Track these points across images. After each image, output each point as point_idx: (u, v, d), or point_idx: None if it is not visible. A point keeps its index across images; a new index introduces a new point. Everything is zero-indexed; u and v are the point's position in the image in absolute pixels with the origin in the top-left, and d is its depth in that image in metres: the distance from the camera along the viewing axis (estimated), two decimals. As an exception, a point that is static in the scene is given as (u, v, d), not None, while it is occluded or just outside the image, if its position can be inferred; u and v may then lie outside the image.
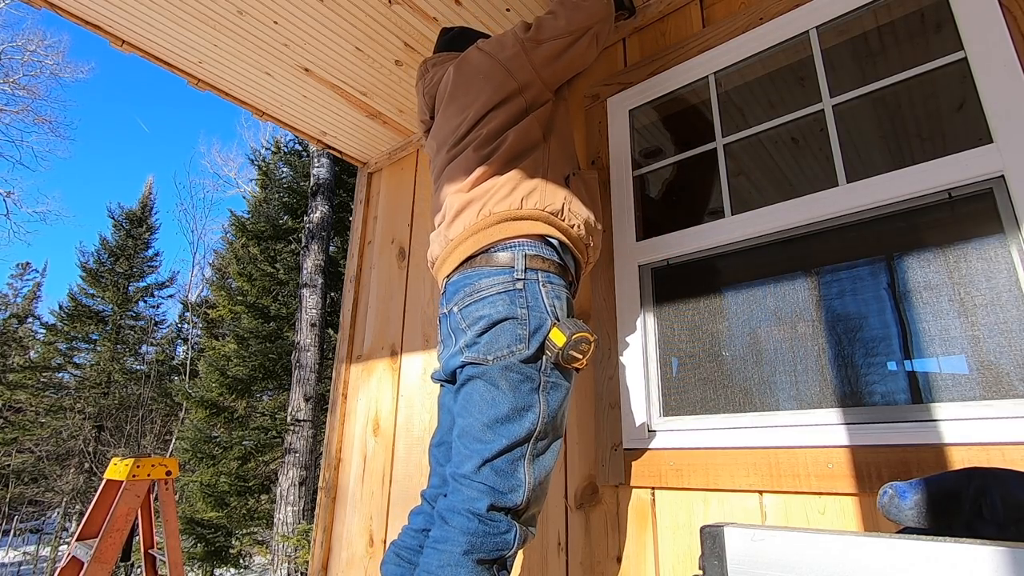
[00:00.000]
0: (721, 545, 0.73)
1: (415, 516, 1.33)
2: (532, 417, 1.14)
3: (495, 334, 1.17)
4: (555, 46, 1.40)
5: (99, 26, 2.24)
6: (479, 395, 1.16)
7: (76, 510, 15.91)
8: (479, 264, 1.25)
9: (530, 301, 1.20)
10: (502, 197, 1.28)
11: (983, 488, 0.73)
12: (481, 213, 1.28)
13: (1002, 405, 1.16)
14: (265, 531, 9.27)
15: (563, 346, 1.15)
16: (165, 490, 2.41)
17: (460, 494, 1.10)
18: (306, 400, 8.51)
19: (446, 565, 1.02)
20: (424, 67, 1.67)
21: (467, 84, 1.44)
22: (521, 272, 1.21)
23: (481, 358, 1.17)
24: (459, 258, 1.29)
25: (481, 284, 1.22)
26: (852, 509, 1.24)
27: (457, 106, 1.44)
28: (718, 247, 1.67)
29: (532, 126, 1.38)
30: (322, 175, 9.79)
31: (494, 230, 1.26)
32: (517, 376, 1.15)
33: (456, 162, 1.39)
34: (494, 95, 1.38)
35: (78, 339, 17.08)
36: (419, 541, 1.26)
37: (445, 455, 1.34)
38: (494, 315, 1.18)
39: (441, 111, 1.50)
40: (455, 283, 1.28)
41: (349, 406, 2.71)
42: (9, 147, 24.62)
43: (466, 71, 1.46)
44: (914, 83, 1.47)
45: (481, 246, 1.25)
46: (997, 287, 1.25)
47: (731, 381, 1.60)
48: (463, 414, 1.18)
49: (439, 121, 1.51)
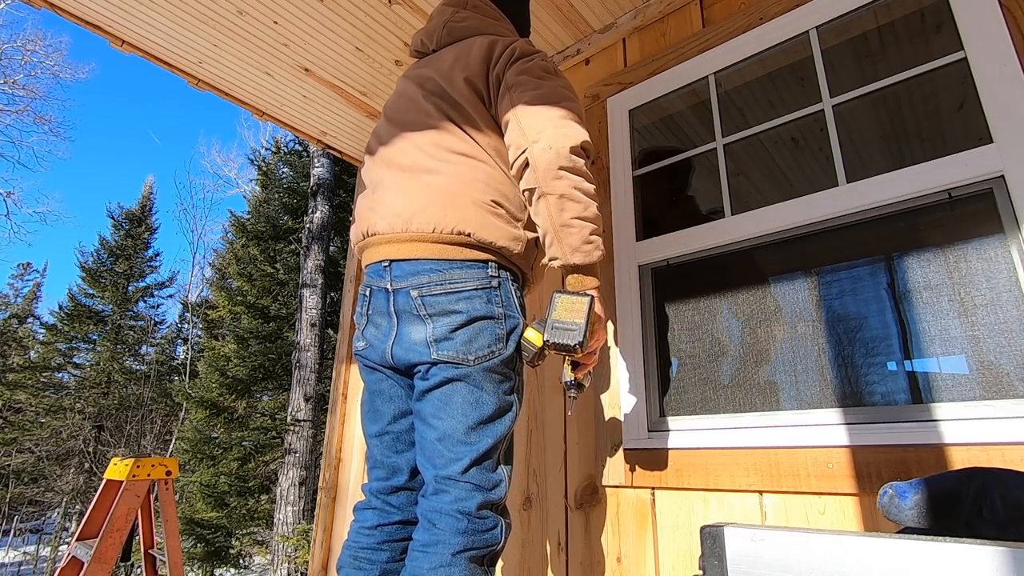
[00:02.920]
0: (721, 545, 0.73)
1: (364, 512, 1.26)
2: (511, 416, 1.16)
3: (474, 333, 1.13)
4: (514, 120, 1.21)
5: (99, 26, 2.24)
6: (461, 397, 1.12)
7: (76, 510, 15.91)
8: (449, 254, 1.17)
9: (504, 301, 1.18)
10: (479, 192, 1.20)
11: (983, 488, 0.73)
12: (448, 219, 1.17)
13: (1002, 405, 1.16)
14: (265, 531, 9.27)
15: (541, 347, 1.14)
16: (165, 490, 2.41)
17: (447, 495, 1.08)
18: (306, 400, 8.52)
19: (439, 567, 1.01)
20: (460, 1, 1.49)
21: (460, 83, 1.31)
22: (495, 270, 1.18)
23: (460, 358, 1.12)
24: (412, 254, 1.18)
25: (455, 275, 1.15)
26: (852, 509, 1.24)
27: (459, 89, 1.30)
28: (718, 247, 1.67)
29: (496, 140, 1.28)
30: (322, 175, 9.79)
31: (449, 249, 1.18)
32: (499, 377, 1.15)
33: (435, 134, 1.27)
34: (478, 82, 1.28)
35: (78, 339, 17.09)
36: (375, 539, 1.20)
37: (391, 446, 1.26)
38: (472, 312, 1.13)
39: (445, 64, 1.36)
40: (410, 263, 1.19)
41: (349, 406, 2.70)
42: (9, 147, 24.65)
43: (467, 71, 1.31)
44: (914, 83, 1.47)
45: (446, 257, 1.17)
46: (997, 287, 1.25)
47: (731, 381, 1.60)
48: (440, 416, 1.12)
49: (441, 70, 1.36)
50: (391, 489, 1.24)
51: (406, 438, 1.25)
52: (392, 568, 1.17)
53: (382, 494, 1.24)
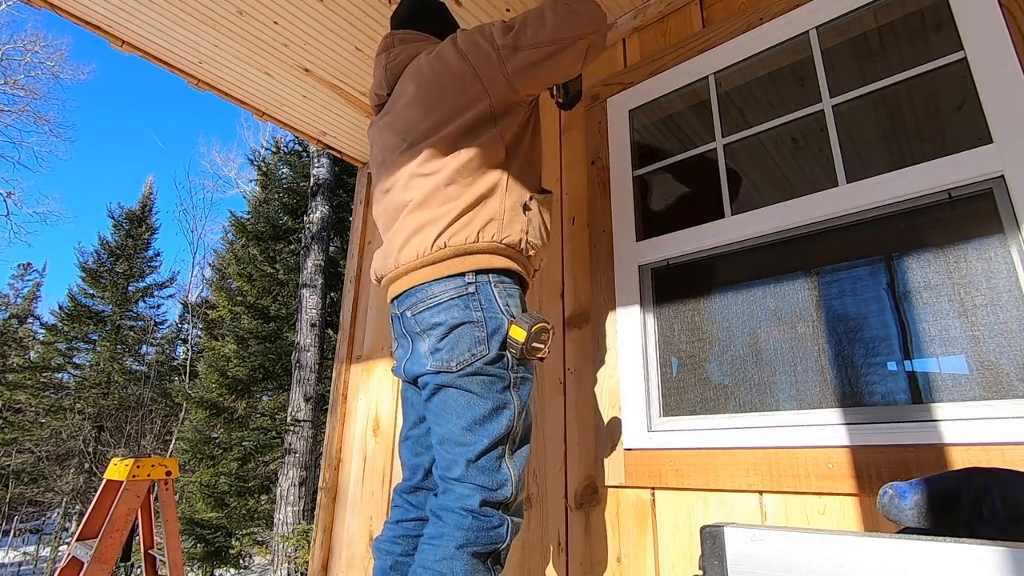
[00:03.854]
0: (721, 545, 0.73)
1: (392, 510, 1.40)
2: (509, 414, 1.19)
3: (454, 339, 1.20)
4: (535, 55, 1.26)
5: (99, 26, 2.24)
6: (454, 402, 1.19)
7: (76, 510, 15.91)
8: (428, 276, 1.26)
9: (484, 303, 1.22)
10: (460, 228, 1.25)
11: (983, 488, 0.73)
12: (436, 244, 1.24)
13: (1002, 405, 1.16)
14: (265, 531, 9.27)
15: (525, 340, 1.19)
16: (165, 490, 2.41)
17: (452, 493, 1.15)
18: (306, 400, 8.52)
19: (442, 559, 1.08)
20: (389, 40, 1.54)
21: (437, 80, 1.35)
22: (472, 276, 1.23)
23: (446, 366, 1.19)
24: (408, 285, 1.28)
25: (433, 291, 1.24)
26: (852, 509, 1.24)
27: (421, 101, 1.36)
28: (718, 247, 1.67)
29: (495, 143, 1.31)
30: (322, 175, 9.79)
31: (448, 264, 1.24)
32: (487, 378, 1.19)
33: (412, 165, 1.34)
34: (460, 100, 1.30)
35: (78, 339, 17.08)
36: (394, 533, 1.33)
37: (412, 449, 1.40)
38: (449, 321, 1.20)
39: (403, 97, 1.42)
40: (405, 292, 1.30)
41: (349, 406, 2.71)
42: (9, 147, 24.64)
43: (438, 68, 1.35)
44: (914, 83, 1.47)
45: (433, 278, 1.24)
46: (997, 287, 1.25)
47: (731, 381, 1.60)
48: (439, 422, 1.21)
49: (398, 106, 1.43)
50: (411, 489, 1.37)
51: (424, 442, 1.38)
52: (404, 560, 1.28)
53: (405, 493, 1.38)
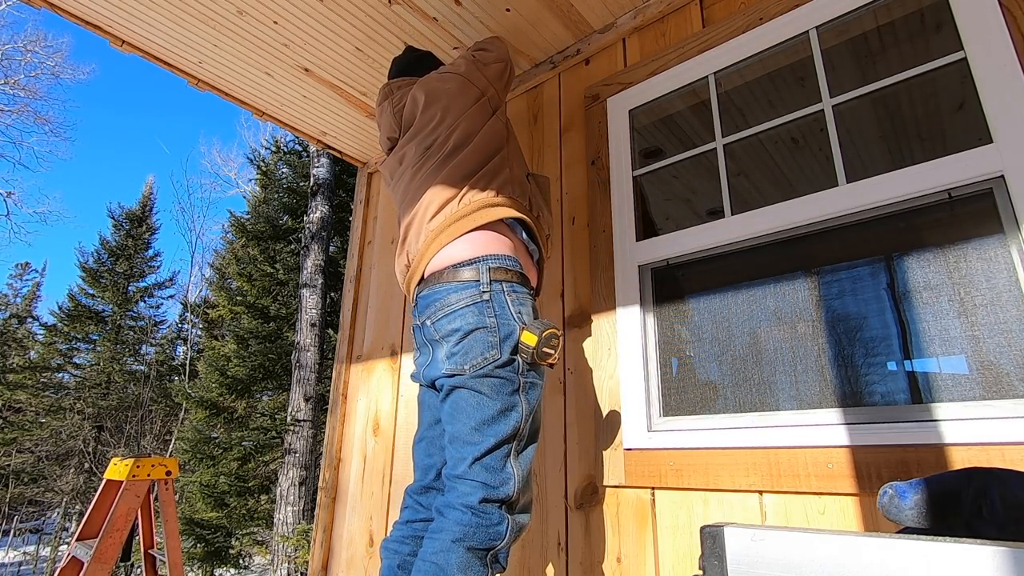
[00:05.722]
0: (721, 545, 0.73)
1: (402, 511, 1.45)
2: (516, 416, 1.25)
3: (469, 344, 1.28)
4: (496, 68, 1.69)
5: (99, 26, 2.24)
6: (465, 402, 1.26)
7: (76, 510, 15.91)
8: (446, 279, 1.36)
9: (497, 311, 1.30)
10: (480, 190, 1.44)
11: (983, 488, 0.73)
12: (462, 202, 1.42)
13: (1002, 405, 1.16)
14: (265, 531, 9.26)
15: (536, 345, 1.26)
16: (165, 490, 2.41)
17: (455, 491, 1.21)
18: (306, 400, 8.51)
19: (439, 551, 1.14)
20: (388, 89, 1.82)
21: (443, 84, 1.61)
22: (486, 284, 1.32)
23: (460, 368, 1.27)
24: (440, 246, 1.39)
25: (450, 299, 1.33)
26: (852, 509, 1.24)
27: (426, 118, 1.59)
28: (718, 247, 1.67)
29: (497, 124, 1.59)
30: (322, 175, 9.78)
31: (475, 216, 1.39)
32: (497, 381, 1.26)
33: (426, 173, 1.53)
34: (463, 98, 1.56)
35: (78, 339, 17.08)
36: (403, 532, 1.38)
37: (425, 450, 1.46)
38: (465, 326, 1.29)
39: (416, 108, 1.64)
40: (425, 297, 1.40)
41: (349, 406, 2.71)
42: (10, 147, 24.63)
43: (432, 87, 1.62)
44: (914, 83, 1.47)
45: (462, 231, 1.38)
46: (997, 287, 1.25)
47: (731, 381, 1.60)
48: (451, 422, 1.28)
49: (408, 138, 1.65)
50: (422, 489, 1.42)
51: (439, 443, 1.44)
52: (412, 560, 1.32)
53: (416, 494, 1.43)
